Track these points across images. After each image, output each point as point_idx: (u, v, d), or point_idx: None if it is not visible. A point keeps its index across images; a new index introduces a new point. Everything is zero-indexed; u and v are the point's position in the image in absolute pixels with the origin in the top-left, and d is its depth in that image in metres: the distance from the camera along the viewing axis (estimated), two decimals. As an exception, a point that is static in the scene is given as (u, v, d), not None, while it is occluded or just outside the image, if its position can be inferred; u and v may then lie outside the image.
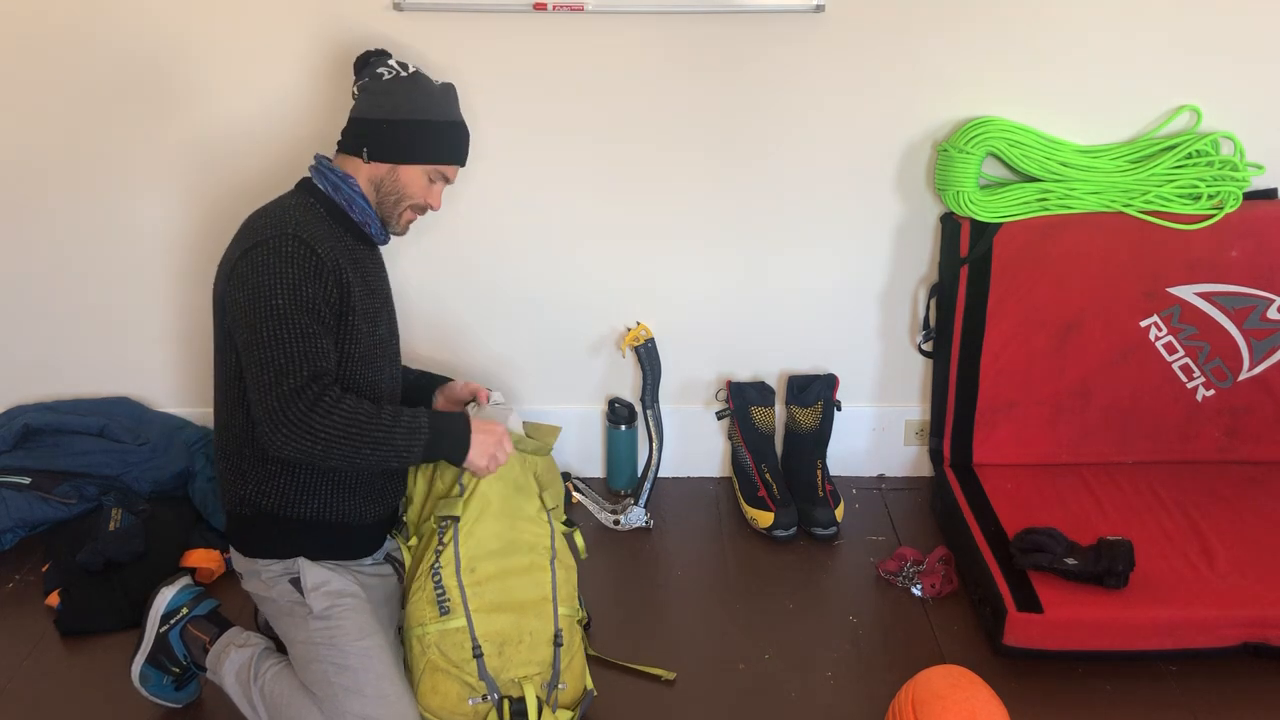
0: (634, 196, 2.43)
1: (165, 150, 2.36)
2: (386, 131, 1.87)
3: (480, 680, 1.75)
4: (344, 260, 1.79)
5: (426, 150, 1.90)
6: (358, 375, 1.82)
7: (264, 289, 1.68)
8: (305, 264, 1.71)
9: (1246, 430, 2.48)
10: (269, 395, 1.64)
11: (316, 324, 1.70)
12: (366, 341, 1.82)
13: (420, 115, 1.88)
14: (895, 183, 2.42)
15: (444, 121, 1.92)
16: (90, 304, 2.52)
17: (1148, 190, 2.30)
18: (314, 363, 1.67)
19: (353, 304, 1.78)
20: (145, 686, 1.92)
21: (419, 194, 1.92)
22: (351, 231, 1.87)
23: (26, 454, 2.45)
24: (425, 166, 1.90)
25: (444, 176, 1.95)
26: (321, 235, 1.77)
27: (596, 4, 2.22)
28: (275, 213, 1.79)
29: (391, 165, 1.88)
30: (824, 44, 2.28)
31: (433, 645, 1.76)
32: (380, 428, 1.68)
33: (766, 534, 2.47)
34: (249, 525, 1.85)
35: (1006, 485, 2.41)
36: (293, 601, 1.79)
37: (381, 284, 1.95)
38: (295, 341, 1.67)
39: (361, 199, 1.87)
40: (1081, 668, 2.04)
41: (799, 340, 2.59)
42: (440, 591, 1.77)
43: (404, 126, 1.87)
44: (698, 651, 2.12)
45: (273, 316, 1.67)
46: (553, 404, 2.62)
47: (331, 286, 1.74)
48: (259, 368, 1.67)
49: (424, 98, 1.90)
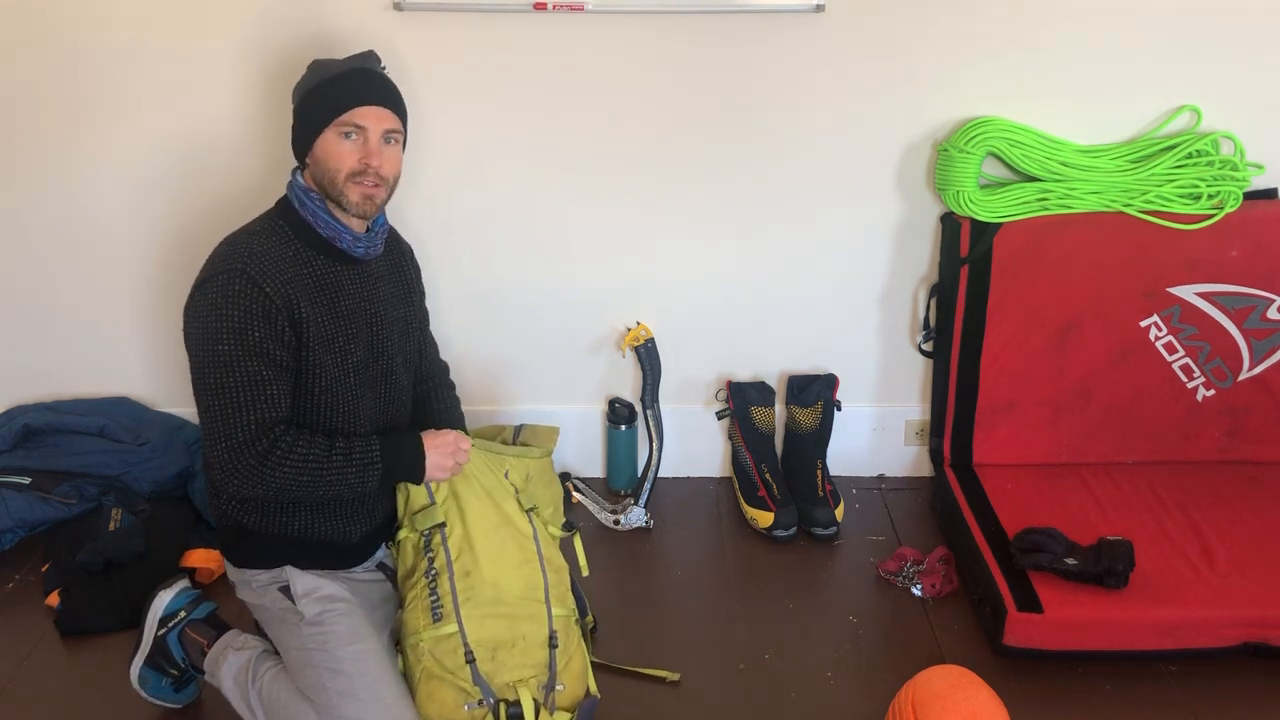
0: (634, 196, 2.43)
1: (164, 151, 2.36)
2: (295, 128, 1.82)
3: (475, 685, 1.74)
4: (303, 293, 1.73)
5: (320, 114, 1.77)
6: (326, 409, 1.79)
7: (210, 331, 1.67)
8: (251, 304, 1.67)
9: (1246, 430, 2.47)
10: (219, 444, 1.67)
11: (266, 366, 1.68)
12: (333, 373, 1.78)
13: (305, 89, 1.81)
14: (895, 183, 2.42)
15: (331, 78, 1.79)
16: (90, 304, 2.52)
17: (1148, 190, 2.30)
18: (262, 412, 1.67)
19: (308, 339, 1.73)
20: (144, 688, 1.92)
21: (343, 160, 1.76)
22: (325, 251, 1.80)
23: (26, 454, 2.45)
24: (327, 131, 1.76)
25: (355, 125, 1.76)
26: (280, 266, 1.72)
27: (596, 4, 2.22)
28: (237, 240, 1.76)
29: (311, 154, 1.79)
30: (824, 44, 2.28)
31: (427, 653, 1.76)
32: (332, 469, 1.72)
33: (766, 534, 2.47)
34: (235, 537, 1.85)
35: (1006, 485, 2.41)
36: (284, 609, 1.79)
37: (363, 305, 1.84)
38: (242, 390, 1.66)
39: (324, 211, 1.79)
40: (1081, 668, 2.04)
41: (799, 340, 2.59)
42: (434, 599, 1.77)
43: (299, 111, 1.81)
44: (698, 652, 2.12)
45: (219, 363, 1.66)
46: (553, 404, 2.62)
47: (283, 324, 1.70)
48: (207, 414, 1.68)
49: (310, 75, 1.82)
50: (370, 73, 1.83)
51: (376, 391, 1.89)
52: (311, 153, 1.79)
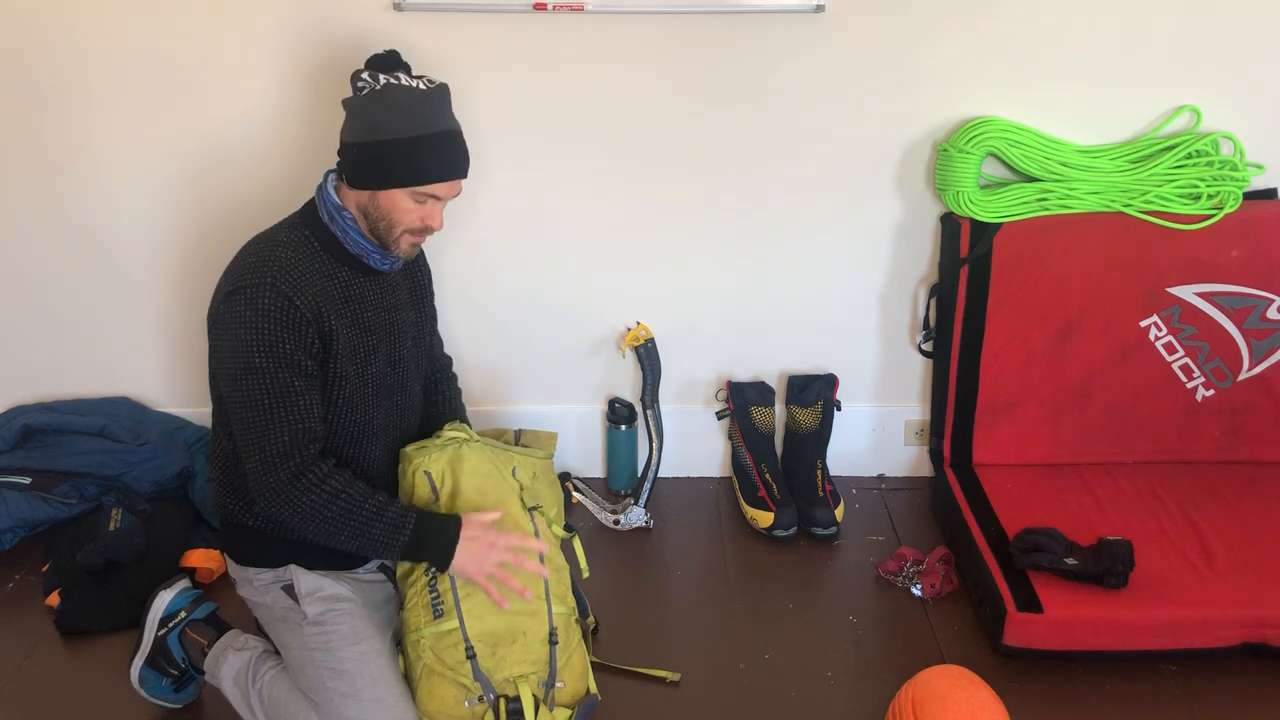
0: (634, 196, 2.43)
1: (164, 151, 2.36)
2: (359, 156, 1.73)
3: (475, 681, 1.74)
4: (330, 305, 1.73)
5: (401, 173, 1.72)
6: (345, 419, 1.80)
7: (242, 344, 1.66)
8: (282, 317, 1.67)
9: (1246, 430, 2.47)
10: (253, 456, 1.68)
11: (298, 377, 1.68)
12: (354, 384, 1.79)
13: (389, 135, 1.70)
14: (895, 183, 2.42)
15: (418, 137, 1.71)
16: (90, 304, 2.52)
17: (1148, 190, 2.30)
18: (295, 424, 1.67)
19: (336, 351, 1.74)
20: (144, 688, 1.92)
21: (409, 218, 1.76)
22: (349, 264, 1.79)
23: (26, 454, 2.45)
24: (402, 190, 1.73)
25: (433, 195, 1.76)
26: (307, 279, 1.71)
27: (596, 4, 2.22)
28: (264, 250, 1.73)
29: (371, 192, 1.74)
30: (824, 44, 2.28)
31: (427, 649, 1.76)
32: (361, 517, 1.69)
33: (766, 534, 2.47)
34: (240, 535, 1.85)
35: (1006, 485, 2.41)
36: (287, 608, 1.79)
37: (382, 315, 1.84)
38: (276, 402, 1.66)
39: (355, 231, 1.77)
40: (1081, 668, 2.04)
41: (799, 340, 2.59)
42: (435, 595, 1.77)
43: (374, 149, 1.71)
44: (698, 652, 2.12)
45: (251, 374, 1.66)
46: (553, 404, 2.62)
47: (312, 337, 1.70)
48: (242, 427, 1.69)
49: (395, 114, 1.71)
50: (459, 140, 1.78)
51: (393, 400, 1.90)
52: (375, 196, 1.75)
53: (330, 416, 1.78)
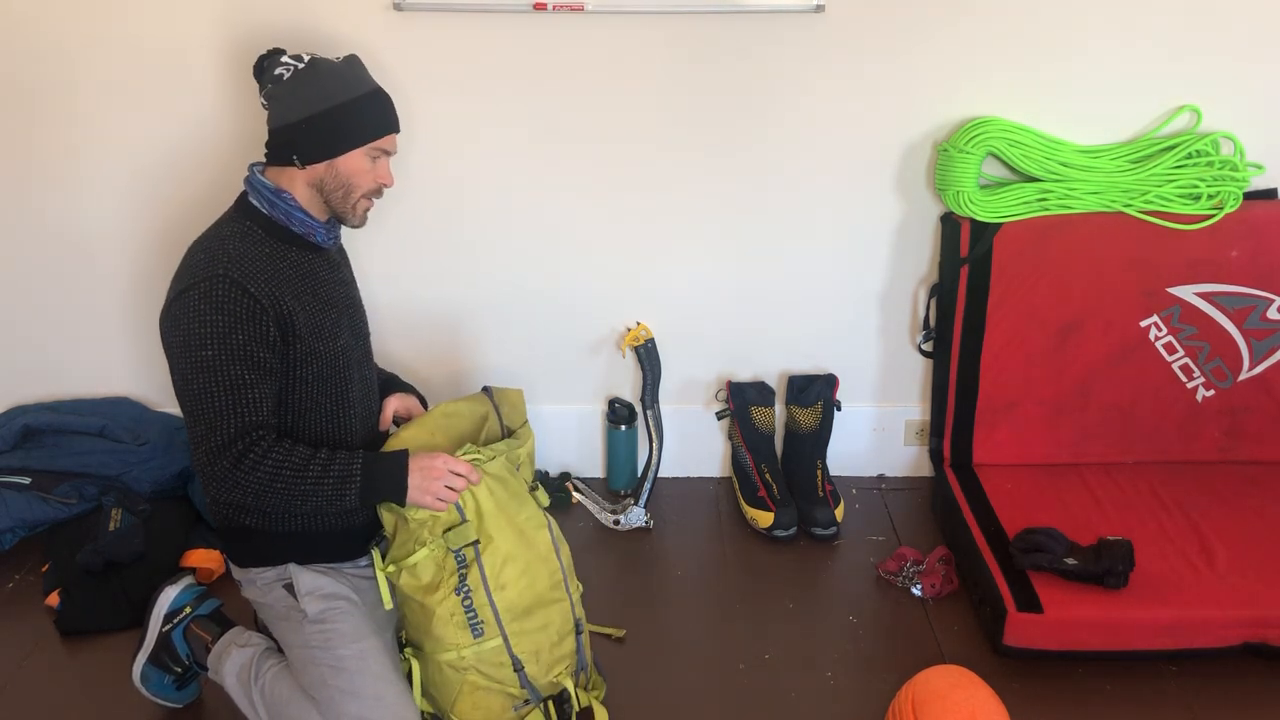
0: (634, 196, 2.43)
1: (161, 151, 2.36)
2: (308, 130, 1.76)
3: (523, 689, 1.81)
4: (286, 287, 1.74)
5: (354, 132, 1.78)
6: (321, 395, 1.80)
7: (194, 337, 1.66)
8: (236, 308, 1.67)
9: (1246, 430, 2.47)
10: (199, 449, 1.67)
11: (250, 370, 1.68)
12: (325, 359, 1.79)
13: (335, 100, 1.76)
14: (895, 183, 2.42)
15: (360, 96, 1.79)
16: (91, 304, 2.52)
17: (1148, 190, 2.30)
18: (242, 416, 1.67)
19: (298, 331, 1.74)
20: (146, 686, 1.92)
21: (366, 179, 1.81)
22: (296, 244, 1.80)
23: (26, 454, 2.45)
24: (358, 150, 1.79)
25: (383, 150, 1.82)
26: (259, 265, 1.72)
27: (596, 4, 2.22)
28: (211, 246, 1.74)
29: (328, 161, 1.78)
30: (824, 44, 2.28)
31: (470, 667, 1.78)
32: (308, 479, 1.69)
33: (766, 534, 2.47)
34: (236, 537, 1.85)
35: (1006, 485, 2.41)
36: (288, 606, 1.80)
37: (338, 289, 1.87)
38: (224, 394, 1.66)
39: (300, 211, 1.79)
40: (1081, 668, 2.04)
41: (799, 340, 2.59)
42: (472, 615, 1.77)
43: (323, 118, 1.76)
44: (698, 651, 2.12)
45: (203, 369, 1.66)
46: (553, 404, 2.62)
47: (268, 325, 1.70)
48: (190, 419, 1.69)
49: (332, 81, 1.77)
50: (388, 96, 1.85)
51: (361, 372, 1.91)
52: (333, 165, 1.78)
53: (306, 395, 1.78)
